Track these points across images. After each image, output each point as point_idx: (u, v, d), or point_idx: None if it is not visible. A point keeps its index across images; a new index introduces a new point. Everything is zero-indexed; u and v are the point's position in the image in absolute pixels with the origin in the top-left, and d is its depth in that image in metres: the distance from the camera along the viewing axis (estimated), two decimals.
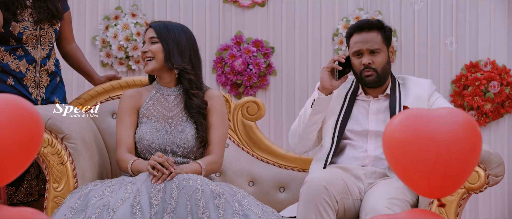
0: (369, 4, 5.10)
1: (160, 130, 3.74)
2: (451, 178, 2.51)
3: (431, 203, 3.56)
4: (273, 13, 5.09)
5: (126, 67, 5.03)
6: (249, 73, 5.05)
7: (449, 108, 2.55)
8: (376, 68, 3.77)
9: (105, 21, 5.03)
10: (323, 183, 3.45)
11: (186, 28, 3.84)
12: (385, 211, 3.40)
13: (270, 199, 4.03)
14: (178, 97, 3.82)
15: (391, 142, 2.52)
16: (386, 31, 3.82)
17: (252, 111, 4.16)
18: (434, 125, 2.47)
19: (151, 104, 3.81)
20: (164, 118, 3.78)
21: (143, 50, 3.79)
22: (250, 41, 5.07)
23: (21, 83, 3.94)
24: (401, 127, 2.50)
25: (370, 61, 3.77)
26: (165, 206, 3.32)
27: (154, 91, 3.84)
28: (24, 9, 3.92)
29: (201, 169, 3.62)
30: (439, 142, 2.46)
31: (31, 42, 3.95)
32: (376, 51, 3.78)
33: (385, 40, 3.81)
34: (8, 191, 3.98)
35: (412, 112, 2.53)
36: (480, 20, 5.09)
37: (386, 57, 3.80)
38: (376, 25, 3.81)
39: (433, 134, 2.46)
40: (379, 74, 3.78)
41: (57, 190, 3.60)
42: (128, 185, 3.40)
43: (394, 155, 2.53)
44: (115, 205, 3.30)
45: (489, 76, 5.02)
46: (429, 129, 2.47)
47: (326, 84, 3.77)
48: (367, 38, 3.79)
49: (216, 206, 3.35)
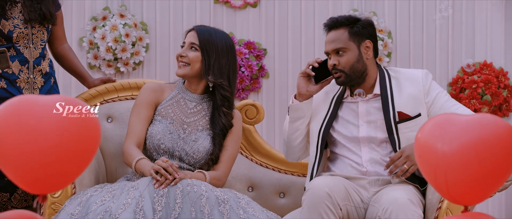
0: (363, 4, 5.05)
1: (173, 133, 3.67)
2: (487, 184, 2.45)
3: (439, 208, 3.51)
4: (266, 14, 5.04)
5: (115, 70, 4.95)
6: (241, 75, 4.99)
7: (483, 115, 2.48)
8: (342, 69, 3.61)
9: (92, 22, 4.95)
10: (326, 189, 3.36)
11: (231, 42, 3.77)
12: (406, 202, 3.34)
13: (270, 205, 3.97)
14: (199, 105, 3.75)
15: (421, 148, 2.46)
16: (356, 27, 3.63)
17: (251, 114, 4.10)
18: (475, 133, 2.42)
19: (170, 104, 3.73)
20: (180, 122, 3.71)
21: (180, 54, 3.71)
22: (242, 43, 5.02)
23: (14, 85, 3.85)
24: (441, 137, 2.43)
25: (336, 62, 3.62)
26: (169, 212, 3.28)
27: (176, 92, 3.77)
28: (13, 6, 3.81)
29: (206, 179, 3.58)
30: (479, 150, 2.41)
31: (22, 41, 3.85)
32: (341, 50, 3.61)
33: (352, 37, 3.62)
34: (2, 198, 3.87)
35: (442, 118, 2.46)
36: (477, 21, 5.08)
37: (354, 55, 3.62)
38: (342, 22, 3.64)
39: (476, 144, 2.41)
40: (348, 75, 3.62)
41: (54, 197, 3.54)
42: (130, 190, 3.34)
43: (422, 160, 2.47)
44: (117, 211, 3.24)
45: (486, 79, 4.98)
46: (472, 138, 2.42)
47: (302, 90, 3.66)
48: (332, 37, 3.64)
49: (221, 212, 3.32)
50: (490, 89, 5.00)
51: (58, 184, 2.37)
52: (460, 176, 2.40)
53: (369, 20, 3.69)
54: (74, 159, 2.37)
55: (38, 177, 2.32)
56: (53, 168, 2.33)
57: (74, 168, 2.40)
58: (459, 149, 2.39)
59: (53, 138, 2.33)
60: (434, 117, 2.53)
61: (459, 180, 2.40)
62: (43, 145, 2.32)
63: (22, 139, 2.31)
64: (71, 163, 2.37)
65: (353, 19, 3.65)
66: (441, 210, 3.51)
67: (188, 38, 3.72)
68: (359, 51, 3.62)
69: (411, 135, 3.57)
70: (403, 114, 3.58)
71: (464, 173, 2.40)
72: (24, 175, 2.32)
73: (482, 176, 2.41)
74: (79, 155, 2.38)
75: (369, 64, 3.64)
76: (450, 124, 2.43)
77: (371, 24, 3.68)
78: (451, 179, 2.41)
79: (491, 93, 5.00)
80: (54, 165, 2.33)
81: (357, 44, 3.62)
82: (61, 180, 2.37)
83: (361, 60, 3.62)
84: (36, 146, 2.31)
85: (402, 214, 3.31)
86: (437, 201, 3.52)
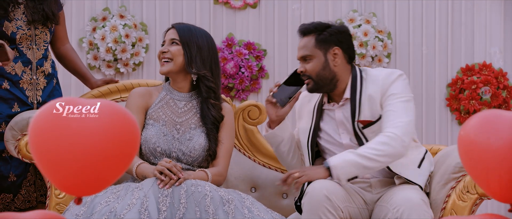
0: (363, 5, 5.05)
1: (168, 135, 3.65)
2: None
3: (443, 209, 3.51)
4: (265, 14, 5.03)
5: (115, 70, 4.93)
6: (241, 76, 4.98)
7: None
8: (310, 75, 3.59)
9: (92, 23, 4.93)
10: (324, 192, 3.36)
11: (209, 35, 3.78)
12: (420, 202, 3.34)
13: (273, 206, 3.97)
14: (189, 104, 3.74)
15: (469, 144, 2.42)
16: (323, 34, 3.58)
17: (253, 115, 4.10)
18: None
19: (160, 106, 3.72)
20: (173, 122, 3.69)
21: (162, 50, 3.70)
22: (242, 44, 5.01)
23: (17, 86, 3.83)
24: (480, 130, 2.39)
25: (303, 69, 3.60)
26: (174, 211, 3.28)
27: (164, 93, 3.75)
28: (16, 7, 3.79)
29: (208, 178, 3.58)
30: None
31: (25, 42, 3.84)
32: (308, 58, 3.59)
33: (318, 44, 3.57)
34: (5, 199, 3.85)
35: (490, 114, 2.43)
36: (476, 21, 5.08)
37: (320, 63, 3.57)
38: (310, 29, 3.61)
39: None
40: (316, 81, 3.58)
41: (59, 197, 3.55)
42: (135, 190, 3.34)
43: (470, 156, 2.44)
44: (122, 211, 3.24)
45: (486, 79, 4.99)
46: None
47: (272, 116, 3.65)
48: (301, 44, 3.62)
49: (225, 212, 3.32)
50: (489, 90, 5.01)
51: (95, 187, 2.38)
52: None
53: (340, 28, 3.63)
54: (113, 163, 2.38)
55: (76, 180, 2.32)
56: (91, 171, 2.33)
57: (113, 172, 2.41)
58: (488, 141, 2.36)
59: (93, 142, 2.34)
60: (478, 113, 2.47)
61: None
62: (83, 148, 2.33)
63: (64, 142, 2.32)
64: (110, 167, 2.38)
65: (322, 26, 3.61)
66: (446, 210, 3.51)
67: (167, 36, 3.73)
68: (325, 59, 3.57)
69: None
70: (365, 121, 3.56)
71: None
72: (62, 177, 2.32)
73: None
74: (118, 159, 2.39)
75: (338, 71, 3.59)
76: (498, 118, 2.38)
77: (341, 31, 3.62)
78: (505, 176, 2.36)
79: (491, 94, 5.01)
80: (92, 169, 2.34)
81: (324, 51, 3.57)
82: (98, 184, 2.38)
83: (327, 68, 3.57)
84: (76, 149, 2.32)
85: (415, 214, 3.31)
86: (441, 201, 3.53)
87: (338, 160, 3.43)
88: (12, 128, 3.68)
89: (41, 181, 3.90)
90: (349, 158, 3.43)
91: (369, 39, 4.98)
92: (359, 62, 4.98)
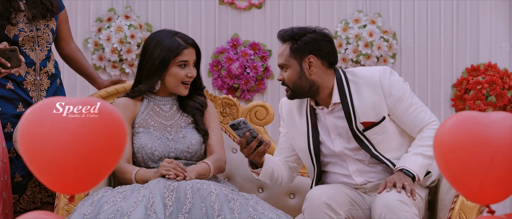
0: (368, 6, 5.06)
1: (161, 138, 3.68)
2: (504, 184, 2.44)
3: (451, 209, 3.51)
4: (270, 15, 5.04)
5: (120, 71, 4.95)
6: (246, 76, 4.98)
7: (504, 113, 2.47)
8: (287, 83, 3.54)
9: (97, 23, 4.94)
10: (324, 198, 3.35)
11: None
12: (397, 203, 3.29)
13: (280, 206, 3.95)
14: (174, 106, 3.77)
15: (443, 144, 2.45)
16: (297, 43, 3.50)
17: (260, 115, 4.09)
18: (489, 128, 2.40)
19: (147, 113, 3.73)
20: (163, 126, 3.71)
21: (192, 75, 3.70)
22: (247, 44, 5.02)
23: (21, 87, 3.83)
24: (455, 130, 2.42)
25: (281, 78, 3.56)
26: (180, 206, 3.30)
27: (146, 102, 3.76)
28: (18, 12, 3.79)
29: (210, 168, 3.62)
30: (494, 146, 2.39)
31: (28, 44, 3.83)
32: (285, 67, 3.53)
33: (293, 53, 3.49)
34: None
35: (466, 115, 2.45)
36: (481, 22, 5.08)
37: (296, 72, 3.50)
38: (286, 37, 3.53)
39: (488, 138, 2.40)
40: (293, 90, 3.53)
41: (67, 197, 3.48)
42: (141, 189, 3.36)
43: (446, 158, 2.46)
44: (129, 209, 3.26)
45: (491, 80, 4.99)
46: (484, 133, 2.41)
47: (257, 163, 3.58)
48: (279, 52, 3.56)
49: (231, 209, 3.34)
50: (494, 90, 5.01)
51: (83, 185, 2.38)
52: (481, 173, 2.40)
53: (317, 35, 3.52)
54: (98, 161, 2.38)
55: (65, 178, 2.32)
56: (79, 169, 2.34)
57: (98, 171, 2.41)
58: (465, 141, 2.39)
59: (77, 140, 2.34)
60: (455, 115, 2.50)
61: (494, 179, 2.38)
62: (67, 146, 2.33)
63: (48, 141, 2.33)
64: (96, 165, 2.39)
65: (298, 34, 3.52)
66: (454, 211, 3.49)
67: (191, 56, 3.71)
68: (300, 68, 3.50)
69: (380, 138, 3.53)
70: (367, 122, 3.54)
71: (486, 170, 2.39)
72: (51, 176, 2.33)
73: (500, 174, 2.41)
74: (103, 157, 2.39)
75: (316, 79, 3.51)
76: (474, 120, 2.42)
77: (317, 39, 3.51)
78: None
79: (496, 94, 5.01)
80: (79, 167, 2.34)
81: (299, 60, 3.50)
82: (86, 182, 2.38)
83: (303, 77, 3.50)
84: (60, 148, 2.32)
85: (395, 216, 3.30)
86: (449, 202, 3.51)
87: (417, 167, 3.44)
88: None
89: None
90: (421, 162, 3.46)
91: (374, 40, 4.98)
92: (365, 62, 4.98)
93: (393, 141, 3.54)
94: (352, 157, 3.57)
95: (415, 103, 3.54)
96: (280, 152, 3.75)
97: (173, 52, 3.65)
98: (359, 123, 3.51)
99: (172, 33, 3.72)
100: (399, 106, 3.52)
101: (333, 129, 3.57)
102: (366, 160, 3.56)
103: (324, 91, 3.54)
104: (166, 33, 3.72)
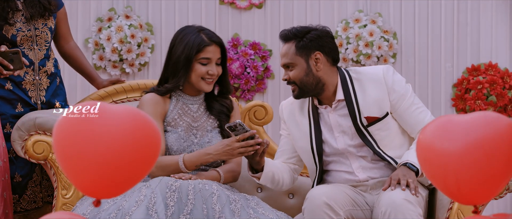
0: (369, 5, 5.05)
1: (187, 140, 3.66)
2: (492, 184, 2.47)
3: (450, 209, 3.51)
4: (271, 15, 5.04)
5: (120, 71, 4.95)
6: (247, 76, 4.98)
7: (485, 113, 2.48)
8: (294, 81, 3.55)
9: (98, 23, 4.95)
10: (324, 198, 3.35)
11: None
12: (402, 202, 3.30)
13: (279, 206, 3.95)
14: (202, 106, 3.74)
15: (427, 150, 2.48)
16: (303, 40, 3.52)
17: (259, 115, 4.09)
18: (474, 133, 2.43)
19: (176, 113, 3.70)
20: (190, 127, 3.69)
21: (213, 73, 3.64)
22: (247, 44, 5.01)
23: (20, 87, 3.83)
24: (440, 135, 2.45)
25: (287, 77, 3.57)
26: (181, 207, 3.29)
27: (175, 100, 3.72)
28: (15, 12, 3.79)
29: (220, 176, 3.60)
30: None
31: (27, 43, 3.83)
32: (290, 66, 3.55)
33: (299, 51, 3.53)
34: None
35: (448, 120, 2.47)
36: (482, 22, 5.08)
37: (303, 70, 3.52)
38: (290, 36, 3.55)
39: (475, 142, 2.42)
40: (300, 88, 3.55)
41: (66, 197, 3.55)
42: (142, 188, 3.34)
43: (428, 162, 2.49)
44: (130, 208, 3.25)
45: (491, 79, 4.99)
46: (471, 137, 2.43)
47: (255, 166, 3.56)
48: (282, 52, 3.57)
49: (232, 211, 3.34)
50: (495, 90, 5.01)
51: (116, 190, 2.42)
52: (470, 174, 2.40)
53: (320, 32, 3.56)
54: (134, 168, 2.41)
55: (97, 183, 2.35)
56: (114, 175, 2.36)
57: (135, 175, 2.44)
58: (468, 147, 2.39)
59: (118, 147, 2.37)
60: (436, 119, 2.52)
61: (470, 178, 2.39)
62: (107, 152, 2.36)
63: (87, 145, 2.35)
64: (133, 170, 2.41)
65: (302, 32, 3.55)
66: (452, 211, 3.50)
67: (214, 54, 3.65)
68: (307, 65, 3.53)
69: (383, 134, 3.54)
70: (371, 117, 3.55)
71: (474, 171, 2.39)
72: (83, 179, 2.35)
73: (491, 174, 2.41)
74: (139, 164, 2.42)
75: (322, 75, 3.54)
76: (453, 123, 2.43)
77: (321, 36, 3.55)
78: (461, 178, 2.40)
79: (497, 94, 5.01)
80: (116, 172, 2.37)
81: (305, 57, 3.53)
82: (119, 187, 2.42)
83: (310, 74, 3.53)
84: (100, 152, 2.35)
85: (400, 214, 3.30)
86: (448, 202, 3.52)
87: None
88: (19, 128, 3.68)
89: (48, 182, 3.90)
90: None
91: (375, 39, 4.98)
92: (365, 62, 4.98)
93: (395, 139, 3.55)
94: (355, 154, 3.58)
95: (416, 103, 3.57)
96: (281, 154, 3.76)
97: (195, 49, 3.60)
98: (363, 118, 3.52)
99: (198, 29, 3.67)
100: (402, 104, 3.54)
101: (336, 126, 3.58)
102: (369, 156, 3.57)
103: (329, 88, 3.56)
104: (192, 29, 3.67)
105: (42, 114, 3.72)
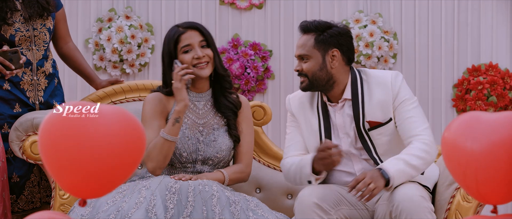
0: (369, 6, 5.05)
1: (192, 138, 3.63)
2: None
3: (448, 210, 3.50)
4: (271, 15, 5.04)
5: (120, 71, 4.95)
6: (247, 77, 4.98)
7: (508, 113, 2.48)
8: (306, 73, 3.54)
9: (98, 23, 4.95)
10: (313, 199, 3.36)
11: None
12: (419, 198, 3.31)
13: (278, 206, 3.96)
14: (208, 103, 3.72)
15: (449, 147, 2.48)
16: (323, 35, 3.52)
17: (258, 116, 4.08)
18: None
19: None
20: (195, 125, 3.67)
21: (198, 56, 3.61)
22: (248, 44, 5.01)
23: (18, 87, 3.84)
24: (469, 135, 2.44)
25: (299, 68, 3.55)
26: (181, 209, 3.29)
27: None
28: (14, 12, 3.80)
29: (224, 178, 3.59)
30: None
31: (25, 44, 3.84)
32: (305, 58, 3.54)
33: (318, 44, 3.52)
34: None
35: (473, 117, 2.46)
36: (482, 22, 5.07)
37: (317, 64, 3.52)
38: (311, 28, 3.55)
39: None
40: (311, 81, 3.54)
41: (63, 198, 3.55)
42: (142, 189, 3.33)
43: (451, 159, 2.50)
44: (129, 210, 3.24)
45: (492, 80, 4.98)
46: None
47: (322, 167, 3.52)
48: (300, 43, 3.57)
49: (231, 213, 3.34)
50: (495, 90, 5.00)
51: (101, 190, 2.43)
52: (490, 174, 2.39)
53: (341, 29, 3.56)
54: (120, 167, 2.42)
55: (83, 183, 2.36)
56: (100, 175, 2.37)
57: (120, 175, 2.45)
58: (489, 147, 2.38)
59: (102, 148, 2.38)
60: (460, 116, 2.52)
61: (490, 178, 2.38)
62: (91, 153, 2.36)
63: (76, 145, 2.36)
64: (117, 170, 2.42)
65: (324, 26, 3.55)
66: (450, 212, 3.51)
67: (192, 39, 3.62)
68: (323, 60, 3.52)
69: (385, 140, 3.53)
70: (373, 122, 3.54)
71: (495, 172, 2.39)
72: (69, 179, 2.36)
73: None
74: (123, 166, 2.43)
75: (335, 73, 3.54)
76: (478, 122, 2.42)
77: (342, 33, 3.55)
78: (481, 178, 2.40)
79: (497, 95, 5.00)
80: (101, 172, 2.37)
81: (322, 52, 3.52)
82: (105, 187, 2.42)
83: (324, 69, 3.52)
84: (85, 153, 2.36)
85: (415, 210, 3.28)
86: (446, 202, 3.52)
87: (394, 170, 3.37)
88: (16, 128, 3.69)
89: (47, 182, 3.90)
90: (401, 168, 3.38)
91: (375, 40, 4.97)
92: (365, 62, 4.98)
93: (397, 146, 3.53)
94: (358, 157, 3.58)
95: (416, 114, 3.53)
96: (294, 148, 3.70)
97: (173, 42, 3.61)
98: (365, 122, 3.51)
99: (176, 25, 3.68)
100: (402, 107, 3.52)
101: (342, 127, 3.58)
102: (372, 159, 3.56)
103: (338, 86, 3.57)
104: (172, 27, 3.69)
105: (40, 114, 3.72)
